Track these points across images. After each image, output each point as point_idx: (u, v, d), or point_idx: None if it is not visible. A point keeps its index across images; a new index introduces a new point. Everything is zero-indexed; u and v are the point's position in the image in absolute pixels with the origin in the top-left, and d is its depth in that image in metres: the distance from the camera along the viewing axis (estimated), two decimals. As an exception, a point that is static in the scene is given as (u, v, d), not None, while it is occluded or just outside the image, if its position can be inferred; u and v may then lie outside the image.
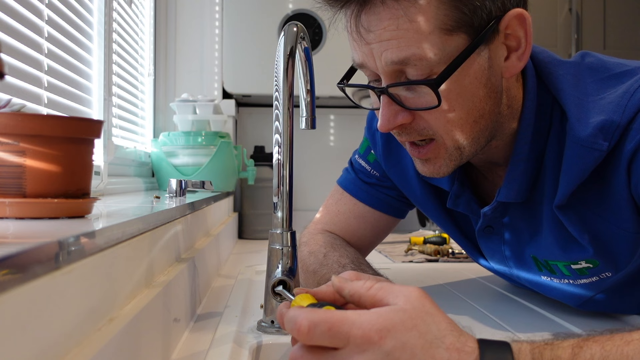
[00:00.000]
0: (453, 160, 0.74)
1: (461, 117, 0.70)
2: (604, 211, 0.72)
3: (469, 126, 0.71)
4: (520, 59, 0.71)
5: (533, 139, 0.75)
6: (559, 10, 2.48)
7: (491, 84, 0.70)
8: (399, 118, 0.71)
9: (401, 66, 0.68)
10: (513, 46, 0.71)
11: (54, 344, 0.38)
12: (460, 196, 0.85)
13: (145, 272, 0.62)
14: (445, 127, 0.71)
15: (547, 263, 0.82)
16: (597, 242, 0.74)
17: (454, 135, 0.71)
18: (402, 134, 0.74)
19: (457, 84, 0.68)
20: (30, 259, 0.35)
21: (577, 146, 0.70)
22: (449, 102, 0.69)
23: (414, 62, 0.66)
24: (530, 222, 0.81)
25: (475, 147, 0.74)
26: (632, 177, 0.68)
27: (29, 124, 0.53)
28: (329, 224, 1.03)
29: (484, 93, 0.70)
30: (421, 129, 0.72)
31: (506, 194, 0.78)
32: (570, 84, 0.73)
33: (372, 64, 0.70)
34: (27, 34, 0.85)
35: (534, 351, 0.48)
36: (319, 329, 0.47)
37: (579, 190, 0.72)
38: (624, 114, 0.67)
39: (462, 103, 0.69)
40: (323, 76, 0.90)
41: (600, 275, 0.78)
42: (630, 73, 0.71)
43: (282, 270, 0.74)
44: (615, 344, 0.48)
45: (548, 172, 0.75)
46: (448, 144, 0.72)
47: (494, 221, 0.84)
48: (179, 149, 1.58)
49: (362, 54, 0.70)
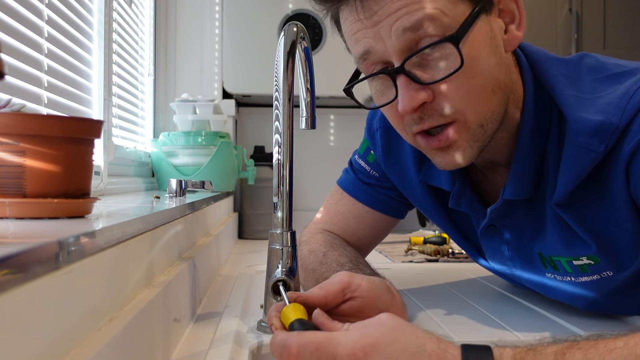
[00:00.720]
0: (477, 141, 0.71)
1: (481, 85, 0.69)
2: (604, 210, 0.72)
3: (488, 96, 0.70)
4: (519, 29, 0.72)
5: (535, 134, 0.75)
6: (559, 10, 2.48)
7: (499, 53, 0.71)
8: (420, 96, 0.68)
9: (414, 34, 0.66)
10: (508, 21, 0.72)
11: (54, 344, 0.38)
12: (462, 195, 0.85)
13: (145, 272, 0.62)
14: (466, 99, 0.68)
15: (551, 259, 0.82)
16: (598, 239, 0.74)
17: (476, 108, 0.69)
18: (424, 119, 0.70)
19: (473, 48, 0.67)
20: (30, 259, 0.35)
21: (574, 147, 0.70)
22: (469, 67, 0.67)
23: (427, 24, 0.66)
24: (534, 219, 0.80)
25: (495, 124, 0.72)
26: (631, 178, 0.67)
27: (29, 124, 0.53)
28: (328, 223, 1.03)
29: (495, 61, 0.70)
30: (442, 109, 0.69)
31: (512, 191, 0.78)
32: (564, 84, 0.73)
33: (382, 46, 0.69)
34: (27, 34, 0.85)
35: (516, 357, 0.49)
36: (308, 350, 0.51)
37: (579, 189, 0.72)
38: (623, 115, 0.66)
39: (480, 69, 0.68)
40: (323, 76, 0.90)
41: (601, 274, 0.78)
42: (629, 73, 0.71)
43: (282, 270, 0.74)
44: (599, 351, 0.48)
45: (550, 169, 0.75)
46: (470, 121, 0.70)
47: (497, 220, 0.84)
48: (179, 149, 1.58)
49: (367, 39, 0.69)
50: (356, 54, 0.72)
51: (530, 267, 0.86)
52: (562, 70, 0.75)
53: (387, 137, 0.95)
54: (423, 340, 0.50)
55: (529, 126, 0.75)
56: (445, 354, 0.49)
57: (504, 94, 0.72)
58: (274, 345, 0.54)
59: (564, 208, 0.74)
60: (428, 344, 0.50)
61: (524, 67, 0.76)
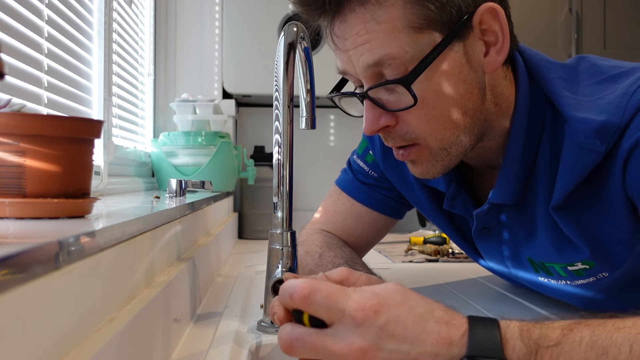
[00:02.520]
0: (440, 161, 0.74)
1: (442, 115, 0.70)
2: (600, 211, 0.72)
3: (451, 124, 0.71)
4: (499, 53, 0.71)
5: (526, 139, 0.75)
6: (559, 10, 2.48)
7: (471, 80, 0.71)
8: (381, 121, 0.72)
9: (377, 68, 0.69)
10: (492, 41, 0.71)
11: (54, 344, 0.38)
12: (457, 198, 0.85)
13: (145, 272, 0.62)
14: (427, 128, 0.71)
15: (543, 265, 0.82)
16: (593, 243, 0.74)
17: (437, 135, 0.71)
18: (388, 139, 0.74)
19: (433, 82, 0.69)
20: (30, 259, 0.35)
21: (575, 148, 0.70)
22: (427, 101, 0.69)
23: (388, 62, 0.68)
24: (524, 224, 0.81)
25: (462, 146, 0.73)
26: (627, 177, 0.67)
27: (29, 124, 0.53)
28: (326, 223, 1.03)
29: (463, 90, 0.70)
30: (404, 133, 0.72)
31: (498, 195, 0.78)
32: (564, 87, 0.73)
33: (353, 70, 0.72)
34: (27, 34, 0.85)
35: (523, 329, 0.49)
36: (320, 294, 0.50)
37: (576, 191, 0.72)
38: (624, 115, 0.66)
39: (440, 101, 0.70)
40: (323, 76, 0.90)
41: (597, 276, 0.78)
42: (627, 73, 0.71)
43: (282, 270, 0.74)
44: (607, 329, 0.48)
45: (542, 174, 0.75)
46: (432, 145, 0.72)
47: (489, 222, 0.84)
48: (179, 149, 1.58)
49: (342, 61, 0.73)
50: (337, 67, 0.76)
51: (523, 269, 0.86)
52: (560, 74, 0.75)
53: (386, 138, 0.95)
54: (432, 306, 0.50)
55: (520, 132, 0.75)
56: (453, 321, 0.49)
57: (473, 118, 0.72)
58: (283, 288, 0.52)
59: (560, 211, 0.74)
60: (436, 310, 0.50)
61: (520, 71, 0.76)
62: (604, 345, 0.46)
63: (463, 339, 0.48)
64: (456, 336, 0.48)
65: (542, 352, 0.47)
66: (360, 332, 0.48)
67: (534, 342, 0.48)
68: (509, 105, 0.76)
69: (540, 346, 0.47)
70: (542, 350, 0.47)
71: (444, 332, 0.48)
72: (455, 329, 0.49)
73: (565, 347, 0.47)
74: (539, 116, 0.75)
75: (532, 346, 0.48)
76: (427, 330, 0.48)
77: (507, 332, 0.49)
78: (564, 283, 0.82)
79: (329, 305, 0.49)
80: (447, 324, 0.49)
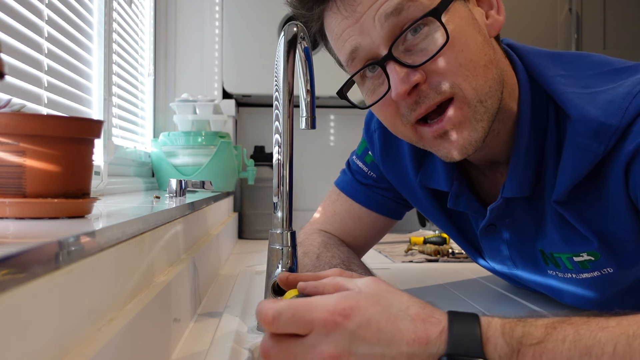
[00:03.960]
0: (479, 120, 0.70)
1: (472, 58, 0.69)
2: (603, 210, 0.72)
3: (482, 70, 0.69)
4: (499, 13, 0.74)
5: (532, 129, 0.75)
6: (559, 10, 2.48)
7: (484, 34, 0.72)
8: (412, 78, 0.68)
9: (397, 17, 0.68)
10: (487, 8, 0.74)
11: (54, 344, 0.38)
12: (461, 196, 0.85)
13: (145, 272, 0.62)
14: (461, 73, 0.68)
15: (552, 256, 0.81)
16: (599, 236, 0.74)
17: (470, 81, 0.69)
18: (421, 100, 0.69)
19: (455, 24, 0.68)
20: (30, 259, 0.35)
21: (574, 146, 0.70)
22: (455, 42, 0.68)
23: (407, 6, 0.67)
24: (534, 216, 0.80)
25: (495, 101, 0.71)
26: (630, 180, 0.67)
27: (29, 124, 0.53)
28: (325, 224, 1.03)
29: (481, 39, 0.71)
30: (437, 84, 0.68)
31: (511, 189, 0.77)
32: (563, 84, 0.73)
33: (367, 40, 0.70)
34: (27, 34, 0.85)
35: (505, 326, 0.47)
36: (284, 316, 0.49)
37: (578, 187, 0.72)
38: (624, 117, 0.66)
39: (467, 42, 0.69)
40: (323, 76, 0.90)
41: (601, 271, 0.78)
42: (632, 69, 0.71)
43: (282, 270, 0.74)
44: (590, 328, 0.47)
45: (549, 166, 0.75)
46: (469, 95, 0.69)
47: (497, 219, 0.83)
48: (179, 149, 1.58)
49: (354, 38, 0.71)
50: (344, 56, 0.74)
51: (532, 265, 0.86)
52: (558, 70, 0.75)
53: (385, 138, 0.95)
54: (407, 304, 0.49)
55: (526, 120, 0.75)
56: (430, 319, 0.48)
57: (498, 71, 0.72)
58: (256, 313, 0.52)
59: (563, 205, 0.74)
60: (412, 307, 0.48)
61: (517, 65, 0.77)
62: (588, 344, 0.45)
63: (441, 336, 0.47)
64: (434, 334, 0.47)
65: (525, 351, 0.46)
66: (331, 339, 0.47)
67: (517, 340, 0.46)
68: (513, 85, 0.76)
69: (523, 344, 0.46)
70: (525, 349, 0.46)
71: (421, 331, 0.47)
72: (433, 327, 0.47)
73: (548, 345, 0.46)
74: (543, 109, 0.75)
75: (515, 344, 0.46)
76: (402, 329, 0.47)
77: (489, 330, 0.47)
78: (569, 277, 0.82)
79: (296, 323, 0.48)
80: (424, 321, 0.47)
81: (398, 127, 0.75)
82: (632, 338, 0.45)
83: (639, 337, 0.45)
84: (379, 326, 0.47)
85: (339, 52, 0.75)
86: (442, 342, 0.46)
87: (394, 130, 0.77)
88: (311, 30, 0.78)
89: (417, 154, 0.90)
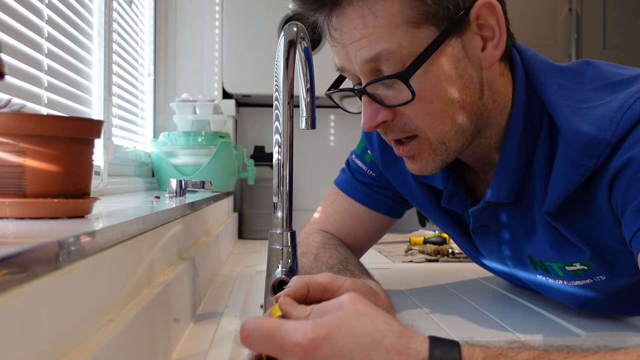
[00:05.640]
0: (439, 155, 0.74)
1: (440, 109, 0.70)
2: (594, 222, 0.72)
3: (450, 118, 0.71)
4: (497, 48, 0.72)
5: (522, 139, 0.75)
6: (559, 10, 2.48)
7: (468, 75, 0.71)
8: (379, 116, 0.72)
9: (375, 64, 0.69)
10: (489, 36, 0.72)
11: (54, 344, 0.38)
12: (455, 196, 0.86)
13: (145, 272, 0.62)
14: (425, 121, 0.71)
15: (542, 263, 0.82)
16: (592, 246, 0.74)
17: (435, 128, 0.72)
18: (387, 133, 0.75)
19: (431, 77, 0.69)
20: (30, 259, 0.35)
21: (564, 160, 0.70)
22: (425, 95, 0.69)
23: (385, 58, 0.68)
24: (523, 223, 0.81)
25: (461, 141, 0.73)
26: (613, 194, 0.68)
27: (29, 124, 0.53)
28: (324, 223, 1.03)
29: (461, 84, 0.71)
30: (403, 125, 0.73)
31: (494, 194, 0.78)
32: (559, 94, 0.73)
33: (350, 66, 0.72)
34: (27, 34, 0.85)
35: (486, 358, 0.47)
36: (256, 335, 0.48)
37: (569, 199, 0.72)
38: (616, 131, 0.66)
39: (438, 95, 0.70)
40: (323, 76, 0.90)
41: (594, 278, 0.78)
42: (627, 82, 0.71)
43: (282, 270, 0.74)
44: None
45: (538, 175, 0.75)
46: (431, 137, 0.72)
47: (487, 220, 0.84)
48: (179, 149, 1.58)
49: (340, 58, 0.73)
50: (335, 64, 0.76)
51: (523, 267, 0.86)
52: (557, 79, 0.75)
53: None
54: (383, 333, 0.47)
55: (517, 129, 0.75)
56: (407, 350, 0.46)
57: (471, 113, 0.73)
58: None
59: (554, 217, 0.75)
60: (388, 337, 0.46)
61: (518, 71, 0.76)
62: None
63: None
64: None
65: None
66: None
67: None
68: (506, 102, 0.76)
69: None
70: None
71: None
72: (410, 358, 0.46)
73: None
74: (537, 117, 0.75)
75: None
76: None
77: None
78: (560, 282, 0.82)
79: (267, 344, 0.48)
80: (400, 353, 0.46)
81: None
82: None
83: None
84: (351, 357, 0.46)
85: (333, 53, 0.76)
86: None
87: None
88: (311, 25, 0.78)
89: None
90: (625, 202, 0.66)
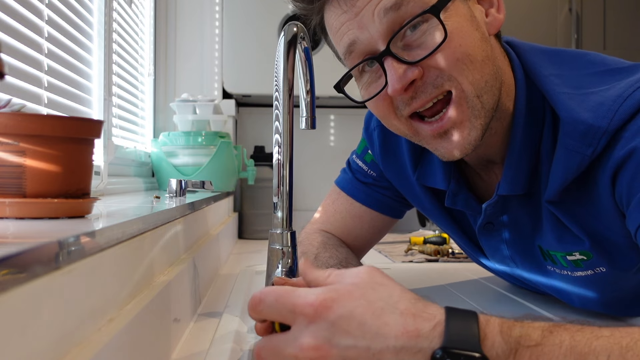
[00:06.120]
0: (477, 117, 0.70)
1: (469, 53, 0.69)
2: (595, 211, 0.72)
3: (479, 65, 0.69)
4: (499, 11, 0.74)
5: (528, 128, 0.75)
6: (559, 10, 2.48)
7: (483, 32, 0.72)
8: (409, 74, 0.68)
9: (396, 12, 0.68)
10: (487, 6, 0.74)
11: (54, 344, 0.38)
12: (458, 194, 0.85)
13: (145, 272, 0.62)
14: (457, 67, 0.68)
15: (549, 253, 0.82)
16: (592, 236, 0.74)
17: (467, 75, 0.69)
18: (418, 96, 0.70)
19: (453, 21, 0.68)
20: (30, 259, 0.35)
21: (563, 148, 0.70)
22: (453, 37, 0.68)
23: (407, 1, 0.68)
24: (531, 213, 0.80)
25: (491, 96, 0.71)
26: (617, 187, 0.67)
27: (29, 124, 0.53)
28: (325, 223, 1.03)
29: (479, 36, 0.71)
30: (434, 79, 0.69)
31: (506, 187, 0.78)
32: (556, 84, 0.73)
33: (366, 35, 0.70)
34: (27, 34, 0.85)
35: (503, 325, 0.47)
36: (268, 299, 0.49)
37: (570, 188, 0.72)
38: (613, 120, 0.66)
39: (465, 39, 0.69)
40: (323, 76, 0.90)
41: (594, 269, 0.78)
42: (627, 70, 0.71)
43: (282, 270, 0.74)
44: (585, 336, 0.46)
45: (544, 165, 0.75)
46: (466, 87, 0.69)
47: (493, 217, 0.84)
48: (179, 149, 1.58)
49: (352, 32, 0.71)
50: (342, 49, 0.74)
51: (531, 262, 0.86)
52: (553, 69, 0.75)
53: (384, 137, 0.95)
54: (397, 298, 0.47)
55: (522, 119, 0.75)
56: (422, 314, 0.46)
57: (495, 68, 0.72)
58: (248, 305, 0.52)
59: (555, 205, 0.74)
60: (402, 302, 0.47)
61: (515, 63, 0.77)
62: (583, 351, 0.45)
63: (435, 330, 0.46)
64: (425, 328, 0.46)
65: (522, 352, 0.46)
66: (311, 330, 0.46)
67: (515, 340, 0.46)
68: (510, 84, 0.76)
69: (521, 345, 0.46)
70: (522, 350, 0.46)
71: (410, 325, 0.46)
72: (425, 322, 0.46)
73: (545, 348, 0.46)
74: (539, 108, 0.75)
75: (513, 344, 0.46)
76: (389, 323, 0.46)
77: (487, 327, 0.47)
78: (565, 274, 0.82)
79: (278, 308, 0.48)
80: (415, 315, 0.46)
81: (392, 121, 0.76)
82: (625, 350, 0.45)
83: (632, 349, 0.44)
84: (362, 319, 0.46)
85: (337, 45, 0.75)
86: (436, 335, 0.46)
87: (388, 124, 0.77)
88: (311, 24, 0.78)
89: (415, 152, 0.90)
90: (630, 194, 0.65)
